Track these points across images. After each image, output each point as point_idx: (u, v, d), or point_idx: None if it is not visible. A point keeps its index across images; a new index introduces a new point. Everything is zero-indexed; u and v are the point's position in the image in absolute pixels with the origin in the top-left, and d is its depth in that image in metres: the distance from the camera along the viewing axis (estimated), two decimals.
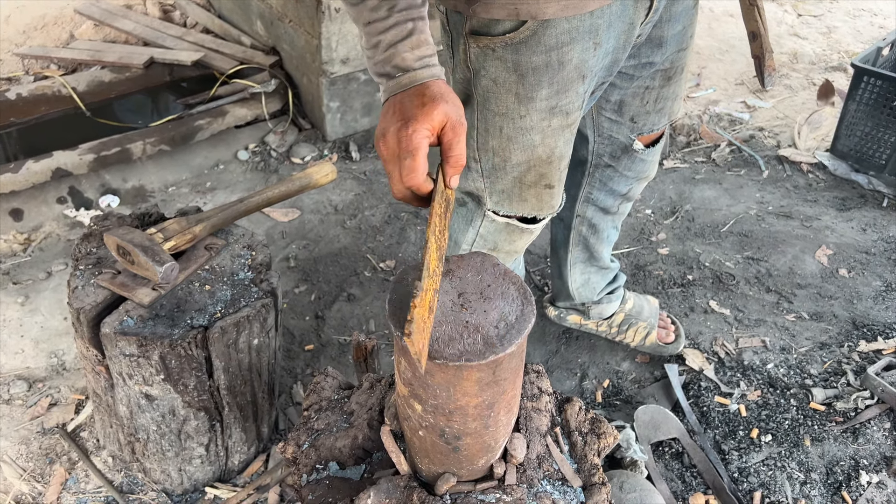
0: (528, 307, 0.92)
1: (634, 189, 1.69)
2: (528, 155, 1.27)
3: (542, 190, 1.32)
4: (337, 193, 2.58)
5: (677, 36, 1.36)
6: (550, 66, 1.15)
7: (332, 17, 2.55)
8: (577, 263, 1.87)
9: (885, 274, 2.27)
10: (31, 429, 1.80)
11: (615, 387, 1.97)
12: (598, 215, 1.75)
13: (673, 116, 1.55)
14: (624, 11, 1.18)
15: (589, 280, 1.91)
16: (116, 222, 1.60)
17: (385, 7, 0.99)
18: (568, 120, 1.24)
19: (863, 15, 3.91)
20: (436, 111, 0.97)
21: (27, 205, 2.38)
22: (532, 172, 1.29)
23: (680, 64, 1.43)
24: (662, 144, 1.63)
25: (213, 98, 2.78)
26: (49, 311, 2.10)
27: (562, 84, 1.18)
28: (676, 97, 1.50)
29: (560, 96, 1.20)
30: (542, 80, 1.17)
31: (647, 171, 1.65)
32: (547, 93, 1.18)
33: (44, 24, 3.23)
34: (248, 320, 1.45)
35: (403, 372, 0.95)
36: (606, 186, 1.68)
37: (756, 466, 1.73)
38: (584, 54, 1.16)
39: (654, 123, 1.53)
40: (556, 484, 1.08)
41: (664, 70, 1.42)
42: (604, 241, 1.81)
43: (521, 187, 1.31)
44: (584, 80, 1.20)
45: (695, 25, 1.42)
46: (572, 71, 1.17)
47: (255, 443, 1.72)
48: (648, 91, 1.45)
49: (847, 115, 2.68)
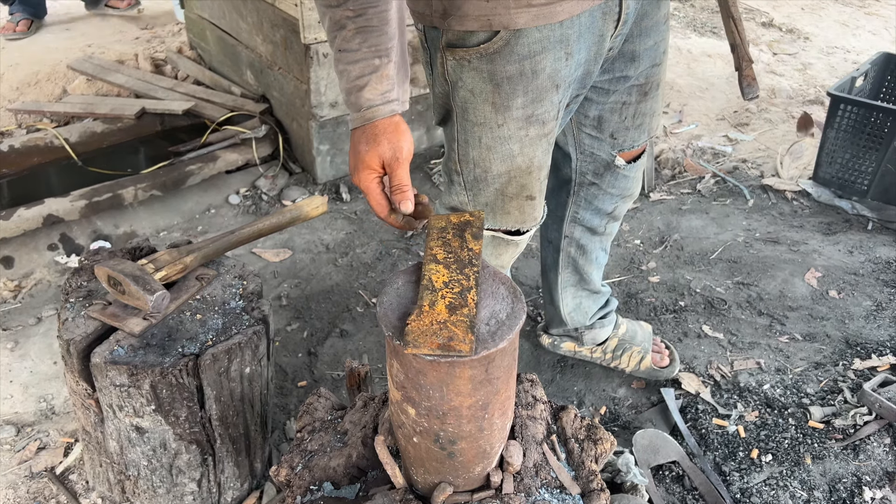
0: (518, 305, 0.93)
1: (620, 208, 1.72)
2: (507, 165, 1.29)
3: (524, 202, 1.34)
4: (328, 233, 2.59)
5: (650, 51, 1.41)
6: (524, 75, 1.20)
7: (320, 62, 2.61)
8: (567, 287, 1.88)
9: (874, 294, 2.29)
10: (20, 473, 1.76)
11: (612, 413, 1.95)
12: (586, 236, 1.77)
13: (652, 132, 1.58)
14: (593, 23, 1.22)
15: (581, 304, 1.92)
16: (108, 256, 1.60)
17: (357, 40, 1.07)
18: (544, 129, 1.28)
19: (836, 52, 4.03)
20: (370, 156, 1.09)
21: (18, 252, 2.38)
22: (513, 184, 1.32)
23: (655, 79, 1.47)
24: (644, 161, 1.67)
25: (204, 145, 2.81)
26: (38, 357, 2.08)
27: (536, 93, 1.22)
28: (654, 113, 1.54)
29: (535, 105, 1.23)
30: (516, 88, 1.21)
31: (630, 189, 1.67)
32: (522, 101, 1.22)
33: (37, 80, 3.29)
34: (239, 347, 1.44)
35: (396, 375, 0.94)
36: (592, 205, 1.70)
37: (758, 487, 1.71)
38: (557, 63, 1.21)
39: (634, 139, 1.56)
40: (554, 492, 1.06)
41: (640, 85, 1.46)
42: (592, 262, 1.82)
43: (503, 199, 1.34)
44: (557, 89, 1.24)
45: (667, 41, 1.46)
46: (546, 80, 1.21)
47: (249, 479, 1.69)
48: (626, 107, 1.49)
49: (827, 143, 2.74)
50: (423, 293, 0.93)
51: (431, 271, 0.96)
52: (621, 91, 1.46)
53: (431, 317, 0.89)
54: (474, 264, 0.97)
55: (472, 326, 0.88)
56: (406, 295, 0.96)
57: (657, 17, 1.38)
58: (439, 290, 0.93)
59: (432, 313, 0.89)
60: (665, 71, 1.51)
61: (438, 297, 0.92)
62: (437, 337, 0.86)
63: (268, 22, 2.78)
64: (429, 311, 0.90)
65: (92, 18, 3.92)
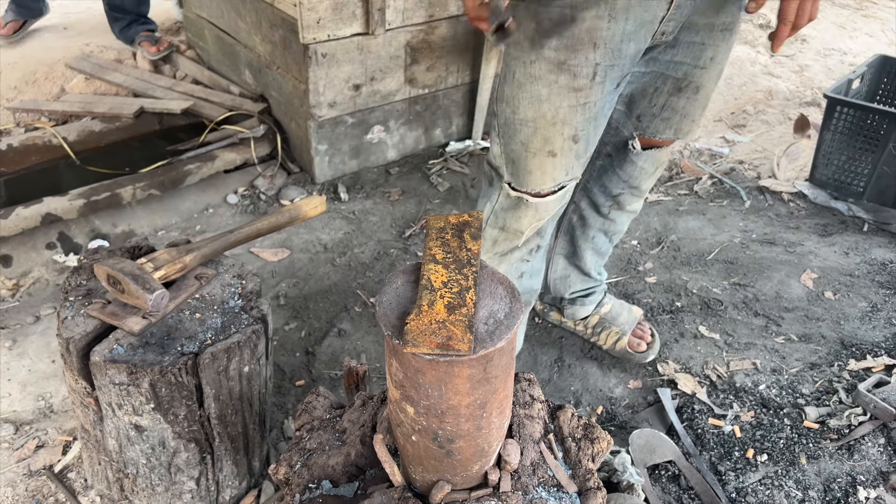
0: (517, 305, 0.94)
1: (625, 198, 1.76)
2: (534, 110, 1.36)
3: (546, 158, 1.40)
4: (326, 233, 2.60)
5: (693, 46, 1.44)
6: (563, 19, 1.27)
7: (319, 62, 2.61)
8: (559, 255, 1.96)
9: (869, 295, 2.30)
10: (18, 471, 1.76)
11: (609, 413, 1.96)
12: (589, 209, 1.84)
13: (680, 134, 1.61)
14: None
15: (568, 277, 2.00)
16: (107, 254, 1.60)
17: None
18: (574, 83, 1.32)
19: (833, 54, 4.05)
20: None
21: (16, 251, 2.39)
22: (538, 136, 1.38)
23: (695, 81, 1.50)
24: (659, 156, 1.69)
25: (202, 144, 2.82)
26: (37, 355, 2.08)
27: (571, 40, 1.28)
28: (687, 115, 1.57)
29: (568, 52, 1.29)
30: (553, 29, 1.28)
31: (637, 180, 1.70)
32: (556, 44, 1.29)
33: (35, 79, 3.29)
34: (238, 346, 1.45)
35: (395, 374, 0.95)
36: (601, 180, 1.76)
37: (753, 486, 1.72)
38: (597, 21, 1.27)
39: (657, 129, 1.59)
40: (551, 490, 1.07)
41: (675, 79, 1.49)
42: (589, 240, 1.88)
43: (526, 155, 1.41)
44: (595, 47, 1.29)
45: (720, 52, 1.48)
46: (583, 32, 1.27)
47: (247, 477, 1.69)
48: (657, 94, 1.53)
49: (823, 144, 2.75)
50: (421, 293, 0.93)
51: (430, 271, 0.97)
52: (655, 74, 1.50)
53: (430, 316, 0.90)
54: (473, 264, 0.98)
55: (470, 326, 0.89)
56: (405, 295, 0.97)
57: (714, 20, 1.41)
58: (438, 289, 0.94)
59: (431, 313, 0.90)
60: (712, 80, 1.53)
61: (437, 296, 0.92)
62: (435, 336, 0.87)
63: (266, 22, 2.79)
64: (427, 311, 0.91)
65: (90, 18, 3.92)
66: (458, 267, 0.97)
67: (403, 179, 2.92)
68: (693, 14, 1.39)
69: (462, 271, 0.97)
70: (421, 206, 2.76)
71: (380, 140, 2.95)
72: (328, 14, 2.54)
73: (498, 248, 1.61)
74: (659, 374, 2.04)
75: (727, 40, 1.48)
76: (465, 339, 0.87)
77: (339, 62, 2.66)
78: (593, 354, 2.11)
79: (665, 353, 2.10)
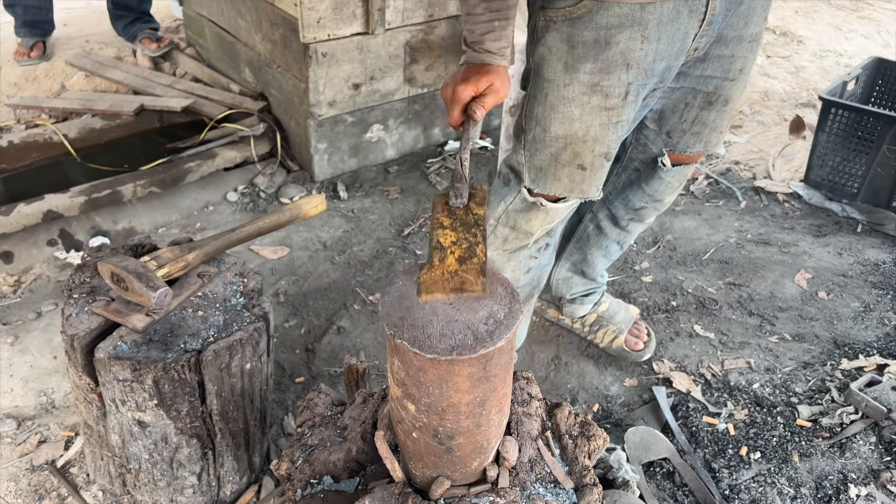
0: (516, 305, 0.96)
1: (647, 212, 1.79)
2: (565, 129, 1.38)
3: (575, 170, 1.42)
4: (325, 231, 2.62)
5: (723, 59, 1.45)
6: (598, 43, 1.29)
7: (319, 61, 2.63)
8: (566, 260, 1.99)
9: (862, 295, 2.33)
10: (21, 466, 1.78)
11: (605, 411, 1.99)
12: (607, 221, 1.87)
13: (709, 147, 1.63)
14: (677, 17, 1.29)
15: (570, 280, 2.02)
16: (110, 252, 1.62)
17: (482, 7, 1.29)
18: (607, 102, 1.34)
19: (828, 55, 4.07)
20: (482, 80, 1.30)
21: (17, 247, 2.40)
22: (568, 150, 1.40)
23: (724, 94, 1.51)
24: (686, 171, 1.71)
25: (202, 142, 2.83)
26: (38, 351, 2.10)
27: (605, 63, 1.30)
28: (716, 128, 1.58)
29: (602, 75, 1.31)
30: (588, 53, 1.30)
31: (662, 194, 1.73)
32: (591, 67, 1.31)
33: (35, 76, 3.30)
34: (240, 344, 1.47)
35: (396, 372, 0.97)
36: (624, 193, 1.78)
37: (746, 483, 1.75)
38: (631, 43, 1.28)
39: (688, 144, 1.61)
40: (548, 486, 1.10)
41: (706, 93, 1.50)
42: (602, 248, 1.91)
43: (556, 165, 1.43)
44: (628, 68, 1.31)
45: (748, 63, 1.50)
46: (617, 55, 1.29)
47: (248, 472, 1.72)
48: (688, 109, 1.54)
49: (818, 146, 2.78)
50: (432, 252, 0.98)
51: (439, 235, 1.02)
52: (686, 90, 1.51)
53: (442, 268, 0.96)
54: (480, 224, 1.02)
55: (483, 271, 0.93)
56: (407, 294, 0.99)
57: (742, 31, 1.43)
58: (448, 247, 0.98)
59: (443, 266, 0.96)
60: (740, 91, 1.55)
61: (447, 253, 0.98)
62: (449, 283, 0.92)
63: (267, 20, 2.80)
64: (439, 265, 0.96)
65: (90, 14, 3.93)
66: (466, 228, 1.02)
67: (402, 178, 2.94)
68: (724, 28, 1.41)
69: (470, 231, 1.01)
70: (419, 204, 2.78)
71: (379, 139, 2.97)
72: (328, 14, 2.56)
73: (508, 245, 1.63)
74: (654, 373, 2.07)
75: (755, 51, 1.50)
76: (479, 281, 0.91)
77: (338, 61, 2.68)
78: (590, 352, 2.14)
79: (661, 352, 2.13)
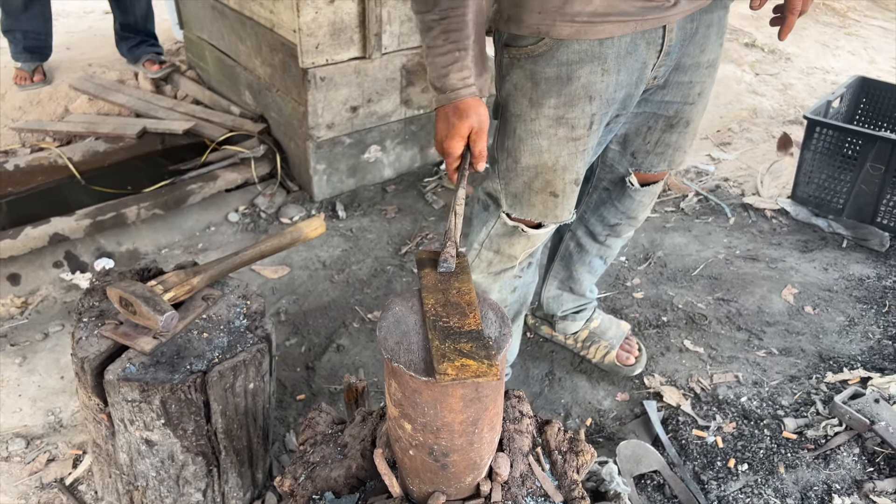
0: (506, 329, 1.02)
1: (623, 227, 1.86)
2: (535, 160, 1.45)
3: (548, 197, 1.50)
4: (325, 250, 2.68)
5: (682, 86, 1.53)
6: (560, 79, 1.36)
7: (317, 85, 2.71)
8: (555, 278, 2.06)
9: (847, 310, 2.40)
10: (30, 484, 1.83)
11: (597, 425, 2.05)
12: (586, 238, 1.94)
13: (673, 165, 1.71)
14: (635, 50, 1.37)
15: (560, 297, 2.10)
16: (118, 277, 1.68)
17: (441, 38, 1.32)
18: (573, 133, 1.42)
19: (815, 73, 4.16)
20: (462, 126, 1.33)
21: (24, 269, 2.46)
22: (539, 179, 1.47)
23: (685, 117, 1.60)
24: (655, 190, 1.79)
25: (204, 164, 2.90)
26: (46, 371, 2.15)
27: (568, 97, 1.37)
28: (679, 147, 1.67)
29: (566, 108, 1.39)
30: (551, 89, 1.37)
31: (634, 211, 1.81)
32: (555, 102, 1.38)
33: (39, 99, 3.38)
34: (244, 364, 1.53)
35: (394, 393, 1.03)
36: (598, 211, 1.86)
37: (734, 495, 1.80)
38: (592, 76, 1.36)
39: (652, 164, 1.69)
40: (539, 500, 1.16)
41: (667, 117, 1.59)
42: (586, 265, 1.98)
43: (529, 192, 1.50)
44: (591, 100, 1.38)
45: (706, 88, 1.59)
46: (579, 88, 1.37)
47: (251, 489, 1.77)
48: (650, 132, 1.62)
49: (804, 163, 2.86)
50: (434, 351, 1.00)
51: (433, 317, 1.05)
52: (648, 115, 1.59)
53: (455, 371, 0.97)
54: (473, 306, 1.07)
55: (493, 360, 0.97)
56: (403, 319, 1.05)
57: (700, 58, 1.51)
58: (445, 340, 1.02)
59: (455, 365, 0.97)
60: (700, 113, 1.63)
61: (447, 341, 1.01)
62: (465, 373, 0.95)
63: (266, 46, 2.88)
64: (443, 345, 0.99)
65: (92, 38, 4.01)
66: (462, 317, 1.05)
67: (399, 197, 3.01)
68: (681, 57, 1.49)
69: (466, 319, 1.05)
70: (416, 223, 2.84)
71: (376, 159, 3.04)
72: (326, 39, 2.64)
73: (493, 268, 1.70)
74: (645, 387, 2.13)
75: (712, 75, 1.59)
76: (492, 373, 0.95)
77: (336, 85, 2.75)
78: (583, 368, 2.20)
79: (651, 367, 2.19)
